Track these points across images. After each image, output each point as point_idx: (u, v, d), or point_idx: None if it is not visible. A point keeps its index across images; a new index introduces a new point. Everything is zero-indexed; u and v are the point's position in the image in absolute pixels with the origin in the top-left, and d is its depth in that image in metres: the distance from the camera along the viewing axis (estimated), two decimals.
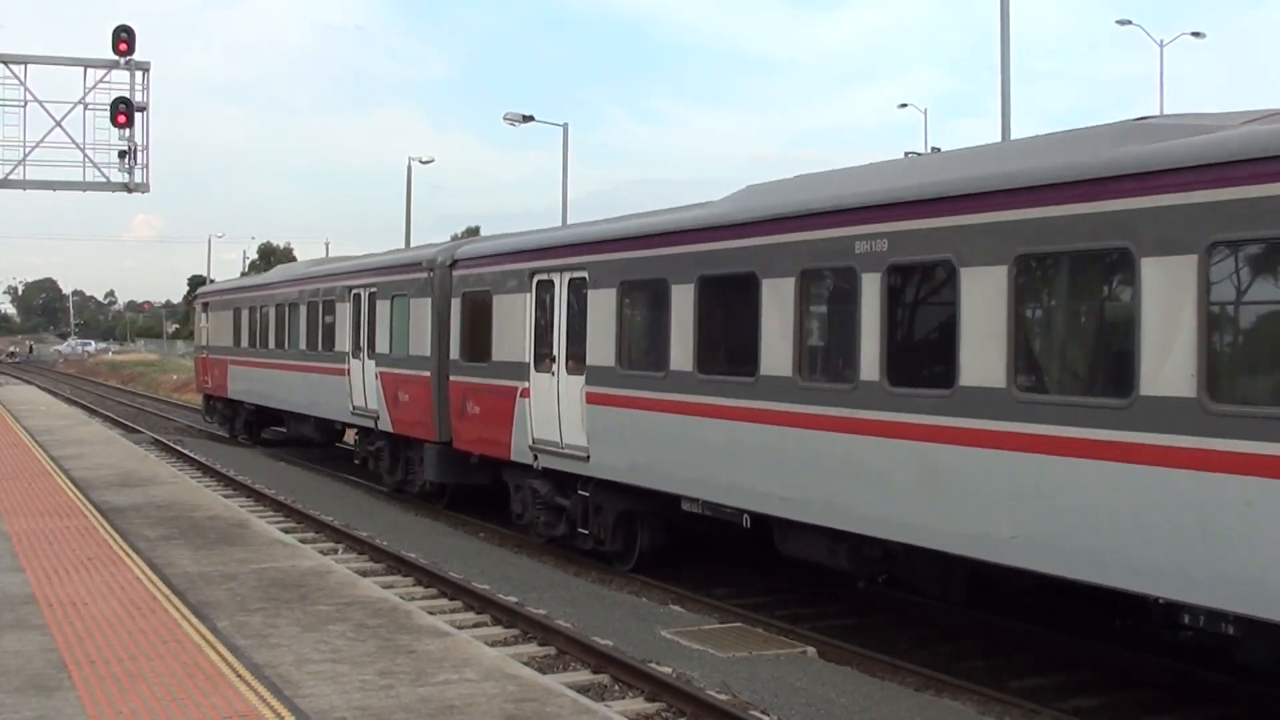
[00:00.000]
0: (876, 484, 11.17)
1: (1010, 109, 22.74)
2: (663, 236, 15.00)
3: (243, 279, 35.45)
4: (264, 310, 31.29)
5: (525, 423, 17.42)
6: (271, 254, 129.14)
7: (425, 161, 60.59)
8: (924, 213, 10.84)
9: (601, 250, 16.17)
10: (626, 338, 15.66)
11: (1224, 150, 8.52)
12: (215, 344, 36.40)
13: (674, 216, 15.46)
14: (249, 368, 32.52)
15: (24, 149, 29.47)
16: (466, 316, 19.77)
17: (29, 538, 14.50)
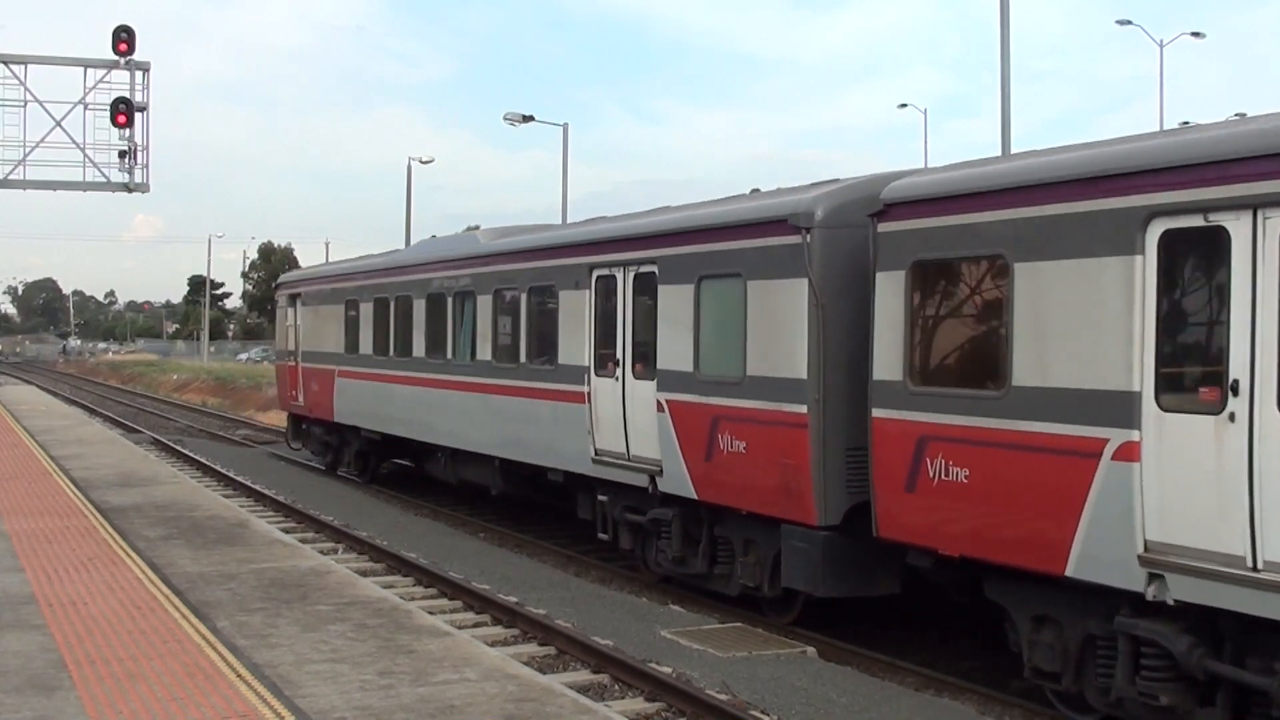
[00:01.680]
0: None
1: (1010, 109, 22.75)
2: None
3: (361, 260, 27.20)
4: (403, 303, 22.87)
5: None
6: (271, 254, 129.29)
7: (425, 161, 60.63)
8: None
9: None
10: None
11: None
12: (312, 348, 27.80)
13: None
14: (372, 382, 24.06)
15: (24, 149, 29.46)
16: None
17: (29, 538, 14.50)
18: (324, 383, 26.59)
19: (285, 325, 30.23)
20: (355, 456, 26.46)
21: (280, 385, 31.55)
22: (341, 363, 25.60)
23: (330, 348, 26.42)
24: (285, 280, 32.21)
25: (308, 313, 28.52)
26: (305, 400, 28.11)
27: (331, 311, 26.65)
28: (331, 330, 26.49)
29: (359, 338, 24.78)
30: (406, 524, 21.53)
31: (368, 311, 24.42)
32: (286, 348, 29.96)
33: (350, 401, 25.20)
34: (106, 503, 17.61)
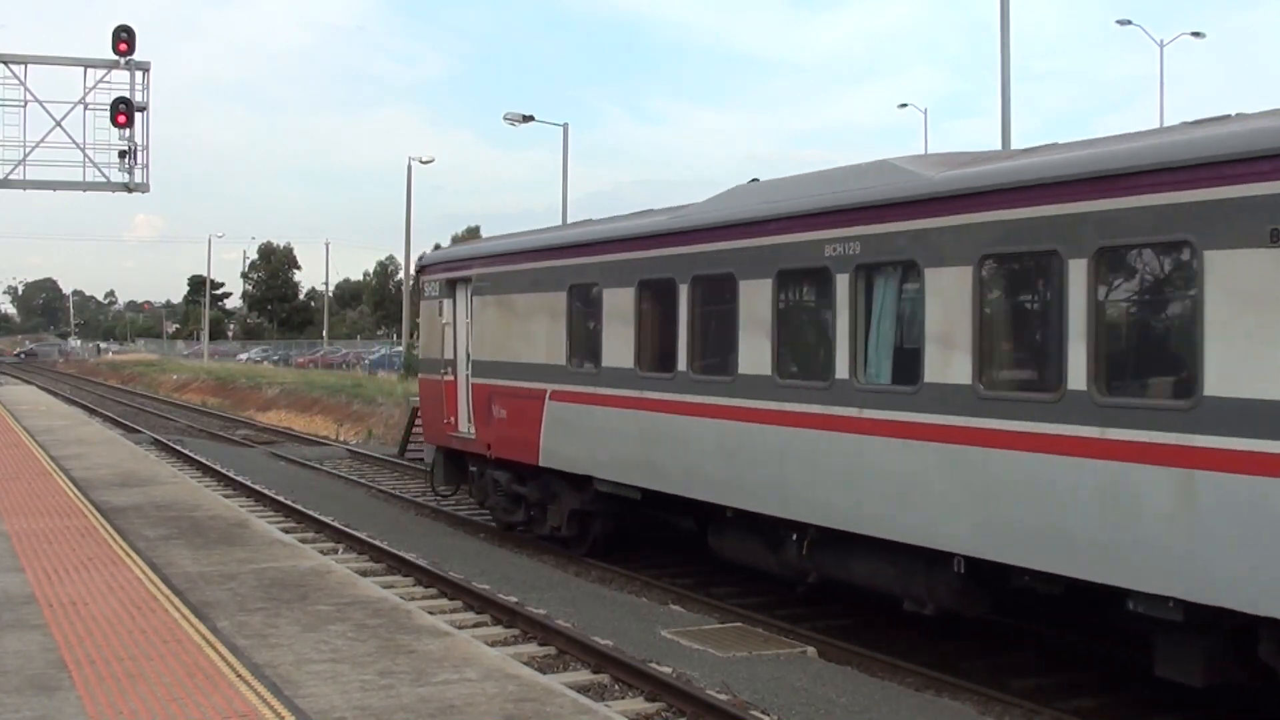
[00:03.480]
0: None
1: (1010, 109, 22.76)
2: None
3: (598, 225, 18.33)
4: (712, 287, 14.63)
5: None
6: (271, 254, 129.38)
7: (425, 161, 60.67)
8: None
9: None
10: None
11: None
12: (495, 356, 19.23)
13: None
14: (629, 411, 15.76)
15: (24, 149, 29.51)
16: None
17: (29, 538, 14.50)
18: (521, 408, 17.94)
19: (438, 323, 21.07)
20: (571, 517, 17.73)
21: (427, 407, 21.81)
22: (559, 379, 17.12)
23: (534, 356, 17.83)
24: (438, 259, 22.22)
25: (486, 305, 19.48)
26: (480, 431, 19.24)
27: (537, 303, 17.96)
28: (537, 330, 17.85)
29: (599, 342, 16.35)
30: (406, 524, 21.53)
31: (622, 302, 15.88)
32: (440, 355, 20.86)
33: (575, 437, 16.84)
34: (106, 503, 17.61)
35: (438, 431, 21.12)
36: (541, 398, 17.51)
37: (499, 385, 18.83)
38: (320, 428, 45.89)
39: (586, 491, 17.04)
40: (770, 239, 13.44)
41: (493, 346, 19.22)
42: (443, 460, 21.38)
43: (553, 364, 17.44)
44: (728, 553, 14.94)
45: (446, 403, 20.49)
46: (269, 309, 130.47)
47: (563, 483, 17.55)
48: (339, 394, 50.02)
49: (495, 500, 19.75)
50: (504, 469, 19.04)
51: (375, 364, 67.46)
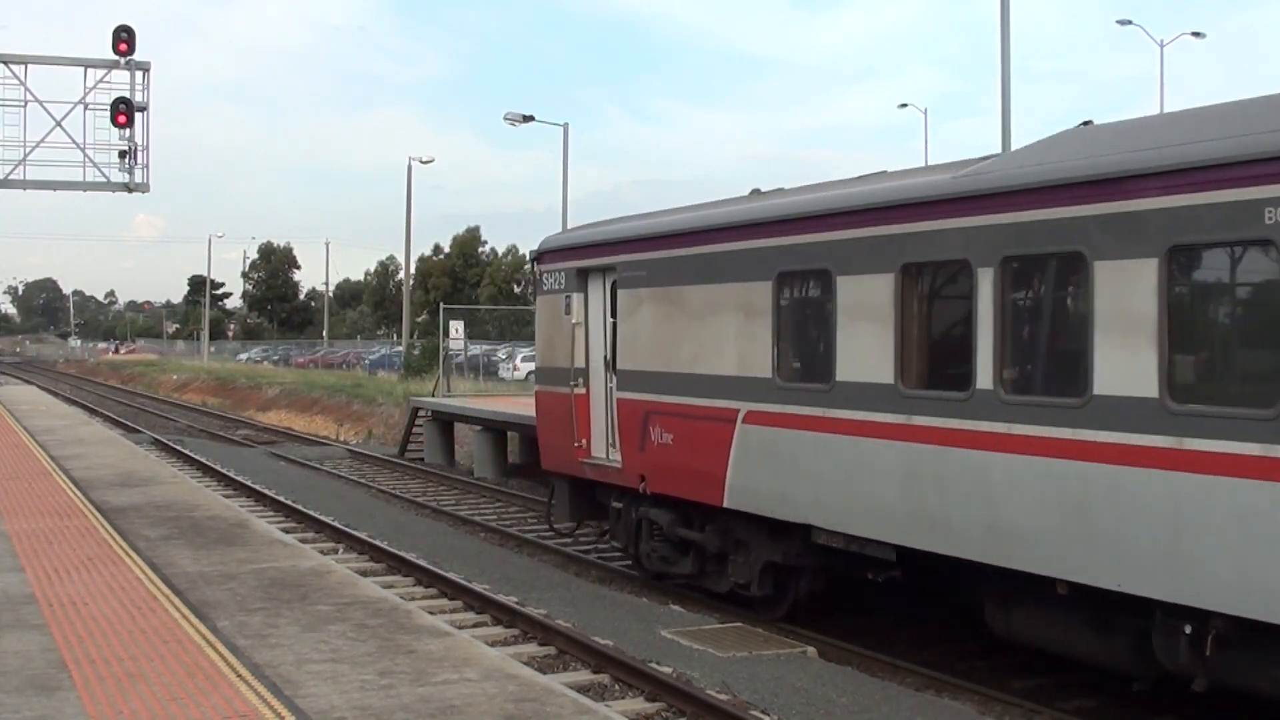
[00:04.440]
0: None
1: (1010, 109, 22.77)
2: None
3: (820, 190, 13.52)
4: (1038, 269, 10.69)
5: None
6: (271, 254, 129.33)
7: (425, 161, 60.70)
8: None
9: None
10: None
11: None
12: (650, 365, 15.36)
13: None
14: (884, 443, 11.84)
15: (24, 149, 29.50)
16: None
17: (29, 538, 14.50)
18: (696, 432, 14.27)
19: (564, 323, 17.03)
20: (765, 572, 13.93)
21: (546, 426, 17.70)
22: (759, 396, 13.29)
23: (718, 365, 13.98)
24: (564, 244, 17.75)
25: (638, 300, 15.47)
26: (630, 459, 15.47)
27: (722, 297, 13.98)
28: (723, 332, 13.94)
29: (831, 349, 12.34)
30: (406, 524, 21.53)
31: (871, 294, 11.88)
32: (567, 362, 16.76)
33: (784, 472, 12.96)
34: (107, 503, 17.61)
35: (562, 456, 17.05)
36: (730, 420, 13.51)
37: (661, 402, 14.76)
38: (320, 428, 45.91)
39: (791, 541, 13.28)
40: (1154, 201, 9.27)
41: (651, 353, 15.10)
42: (568, 491, 17.29)
43: (749, 376, 13.34)
44: (1027, 634, 11.24)
45: (577, 421, 16.39)
46: (269, 309, 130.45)
47: (755, 529, 13.63)
48: (339, 394, 50.03)
49: (651, 547, 15.52)
50: (665, 507, 15.01)
51: (375, 364, 67.45)
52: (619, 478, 15.82)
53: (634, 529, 15.95)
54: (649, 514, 15.50)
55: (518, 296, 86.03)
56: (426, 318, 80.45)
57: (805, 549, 13.17)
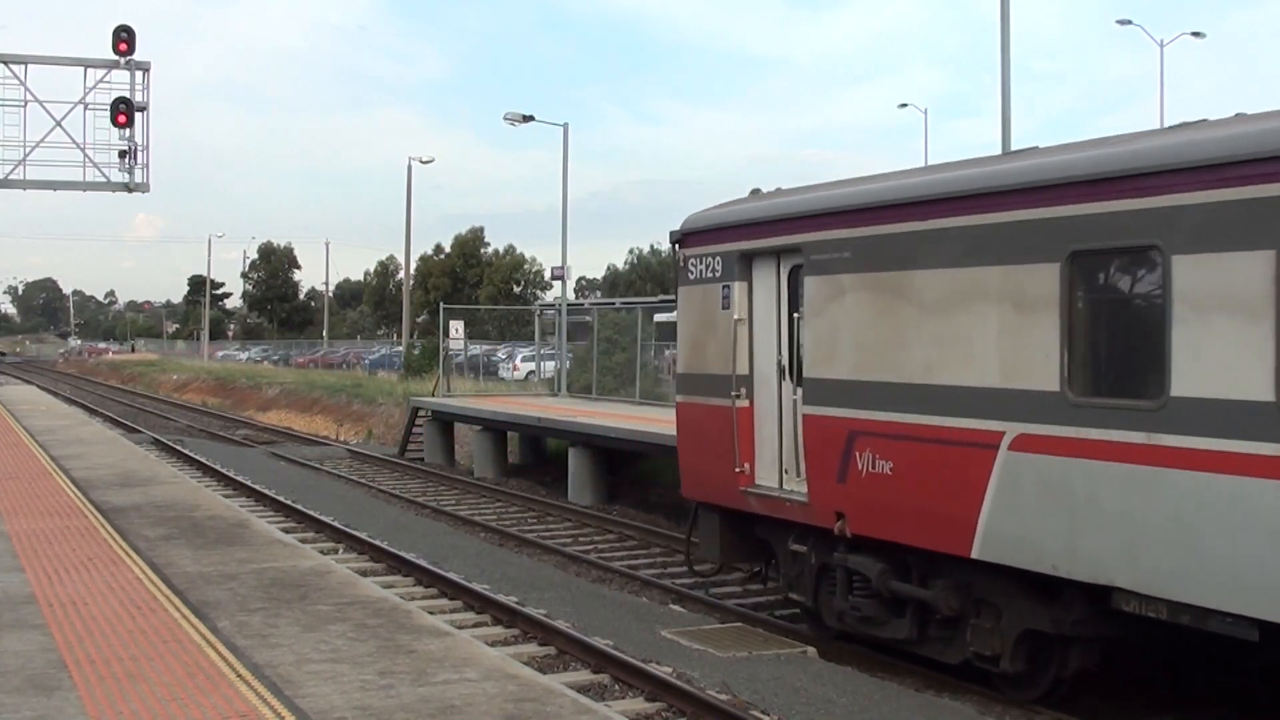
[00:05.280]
0: None
1: (1010, 109, 22.76)
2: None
3: (1048, 153, 10.87)
4: None
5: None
6: (271, 254, 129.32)
7: (425, 161, 60.79)
8: None
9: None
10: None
11: None
12: (857, 374, 12.10)
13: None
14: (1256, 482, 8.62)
15: (24, 149, 29.52)
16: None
17: (29, 538, 14.50)
18: (932, 460, 11.17)
19: (719, 318, 14.05)
20: (1021, 642, 10.97)
21: (692, 443, 14.72)
22: (1036, 415, 10.25)
23: (968, 374, 10.90)
24: (719, 222, 14.41)
25: (838, 290, 12.35)
26: (821, 490, 12.41)
27: (975, 284, 10.90)
28: (976, 331, 10.89)
29: (1164, 353, 9.35)
30: (406, 524, 21.53)
31: (1239, 277, 8.91)
32: (723, 367, 13.90)
33: (1079, 517, 9.91)
34: (107, 503, 17.61)
35: (713, 483, 14.09)
36: (988, 445, 10.50)
37: (875, 420, 11.69)
38: (320, 428, 45.93)
39: (1068, 606, 10.43)
40: None
41: (859, 356, 11.98)
42: (718, 526, 14.35)
43: (1020, 389, 10.31)
44: None
45: (740, 440, 13.48)
46: (269, 309, 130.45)
47: (1013, 588, 10.76)
48: (339, 394, 50.05)
49: (851, 603, 12.30)
50: (872, 554, 11.99)
51: (375, 364, 67.48)
52: (802, 514, 12.65)
53: (818, 577, 12.82)
54: (847, 561, 12.23)
55: (517, 296, 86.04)
56: (426, 318, 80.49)
57: (1090, 616, 10.26)
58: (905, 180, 12.10)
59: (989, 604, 11.11)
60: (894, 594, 11.85)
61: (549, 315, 47.00)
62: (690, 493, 14.81)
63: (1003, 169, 11.10)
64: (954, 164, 12.05)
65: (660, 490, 26.43)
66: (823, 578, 12.80)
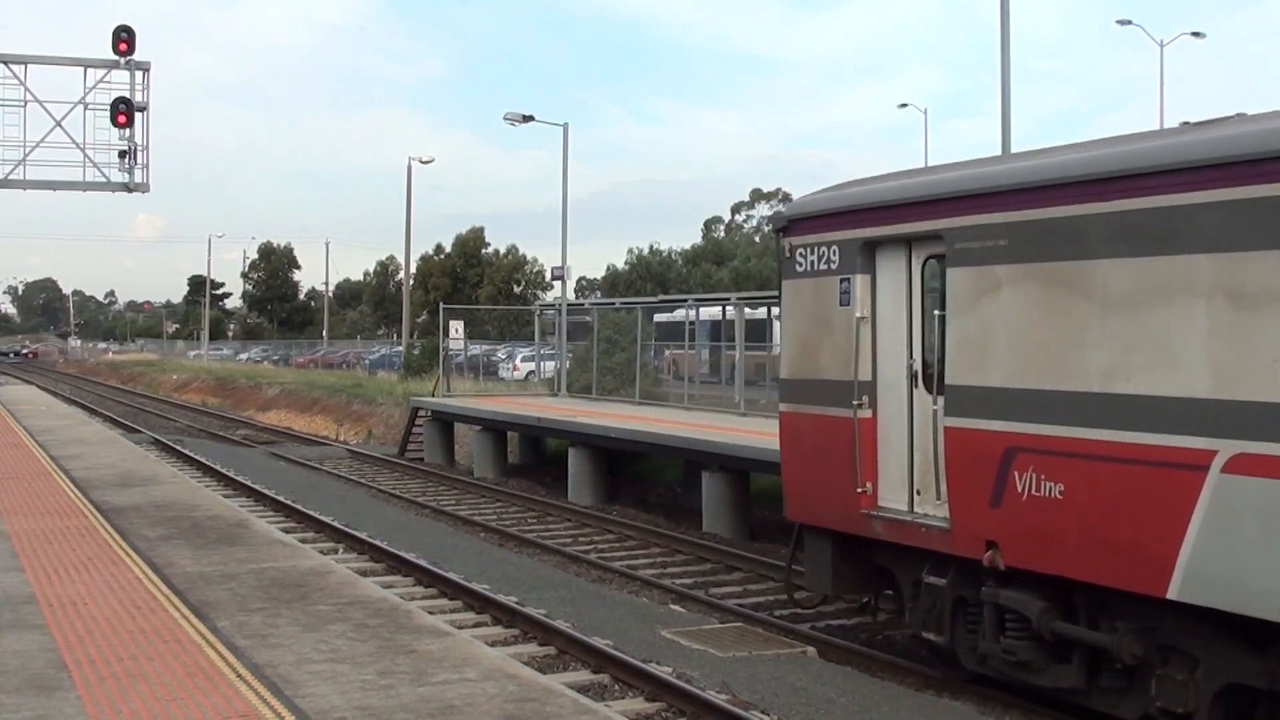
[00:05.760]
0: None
1: (1010, 109, 22.76)
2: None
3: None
4: None
5: None
6: (271, 254, 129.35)
7: (425, 161, 60.83)
8: None
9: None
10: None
11: None
12: (1016, 382, 10.34)
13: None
14: None
15: (24, 149, 29.50)
16: None
17: (29, 538, 14.50)
18: (1115, 484, 9.56)
19: (835, 316, 12.44)
20: (1220, 696, 9.42)
21: (803, 458, 13.00)
22: (1256, 432, 8.64)
23: (1169, 384, 9.26)
24: (838, 206, 12.72)
25: (990, 283, 10.71)
26: (966, 515, 10.81)
27: (1170, 277, 9.33)
28: (1176, 333, 9.29)
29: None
30: (406, 524, 21.53)
31: None
32: (841, 372, 12.33)
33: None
34: (106, 503, 17.61)
35: (826, 504, 12.46)
36: (1195, 467, 8.99)
37: (1042, 435, 10.07)
38: (320, 428, 45.94)
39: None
40: None
41: (1020, 360, 10.37)
42: (831, 552, 12.64)
43: (1237, 400, 8.78)
44: None
45: (861, 457, 11.88)
46: (269, 309, 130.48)
47: (1216, 635, 9.32)
48: (339, 394, 50.06)
49: (1004, 645, 10.66)
50: (1031, 590, 10.41)
51: (375, 364, 67.51)
52: (941, 542, 11.03)
53: (954, 613, 11.23)
54: (998, 597, 10.62)
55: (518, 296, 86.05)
56: (426, 318, 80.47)
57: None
58: (1081, 155, 10.34)
59: (1181, 652, 9.54)
60: (1058, 636, 10.23)
61: (549, 315, 46.99)
62: (797, 514, 13.02)
63: (1212, 137, 9.31)
64: (1138, 135, 10.50)
65: (660, 490, 26.47)
66: (960, 613, 11.15)
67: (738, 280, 68.62)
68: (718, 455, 20.93)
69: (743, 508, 20.92)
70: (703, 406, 31.71)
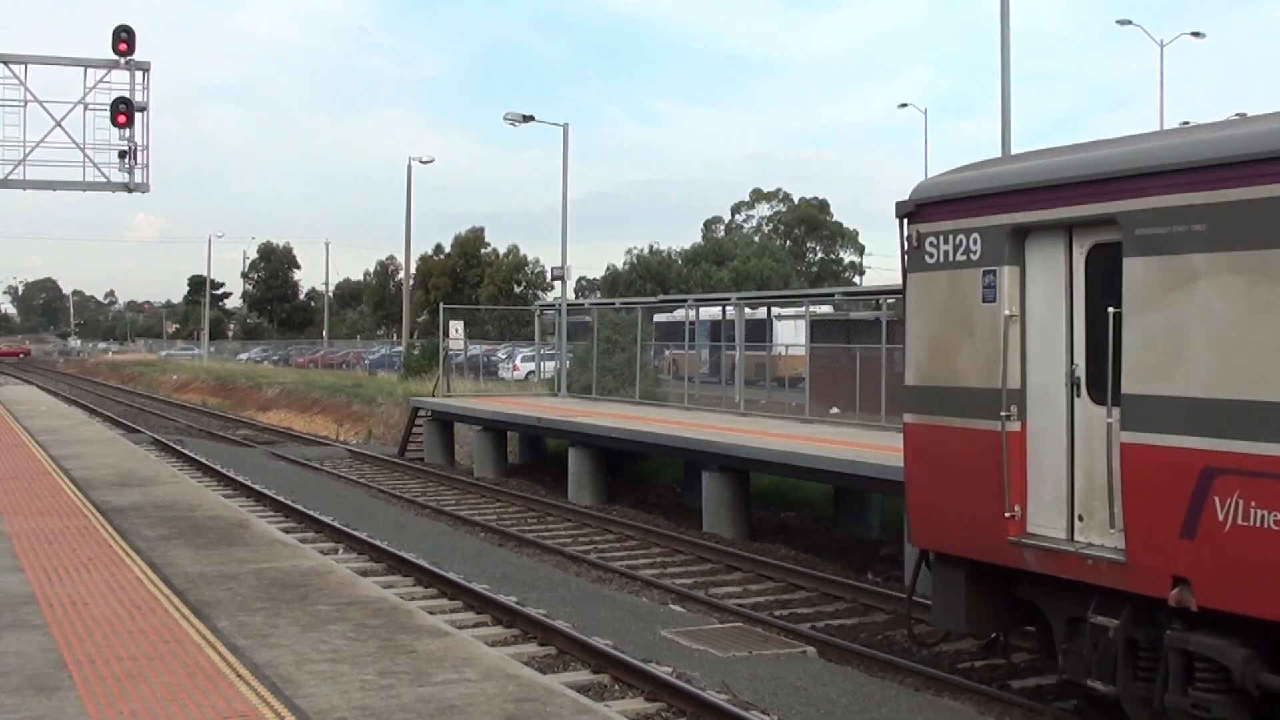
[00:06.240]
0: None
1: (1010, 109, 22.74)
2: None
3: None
4: None
5: None
6: (271, 254, 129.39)
7: (425, 161, 60.82)
8: None
9: None
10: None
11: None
12: (1234, 392, 8.68)
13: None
14: None
15: (24, 149, 29.46)
16: None
17: (29, 538, 14.50)
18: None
19: (988, 314, 10.81)
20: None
21: (936, 477, 11.31)
22: None
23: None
24: (979, 188, 11.05)
25: (1186, 274, 9.13)
26: (1145, 545, 9.30)
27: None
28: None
29: None
30: (406, 524, 21.54)
31: None
32: (985, 378, 10.78)
33: None
34: (106, 503, 17.61)
35: (966, 530, 10.89)
36: None
37: (1253, 456, 8.57)
38: (320, 428, 45.95)
39: None
40: None
41: (1220, 367, 8.93)
42: (965, 583, 11.05)
43: None
44: None
45: (1010, 476, 10.36)
46: (269, 309, 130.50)
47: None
48: (339, 394, 50.07)
49: (1194, 697, 9.12)
50: (1230, 634, 8.91)
51: (375, 364, 67.52)
52: (1113, 576, 9.56)
53: (1121, 654, 9.66)
54: (1187, 642, 9.13)
55: (518, 296, 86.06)
56: (426, 318, 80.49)
57: None
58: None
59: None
60: (1265, 690, 8.75)
61: (549, 315, 47.01)
62: (924, 540, 11.41)
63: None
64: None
65: (660, 490, 26.47)
66: (1131, 658, 9.64)
67: (738, 280, 68.63)
68: (718, 455, 20.93)
69: (743, 508, 20.92)
70: (703, 406, 31.72)
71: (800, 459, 19.18)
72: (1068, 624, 10.18)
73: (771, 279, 70.60)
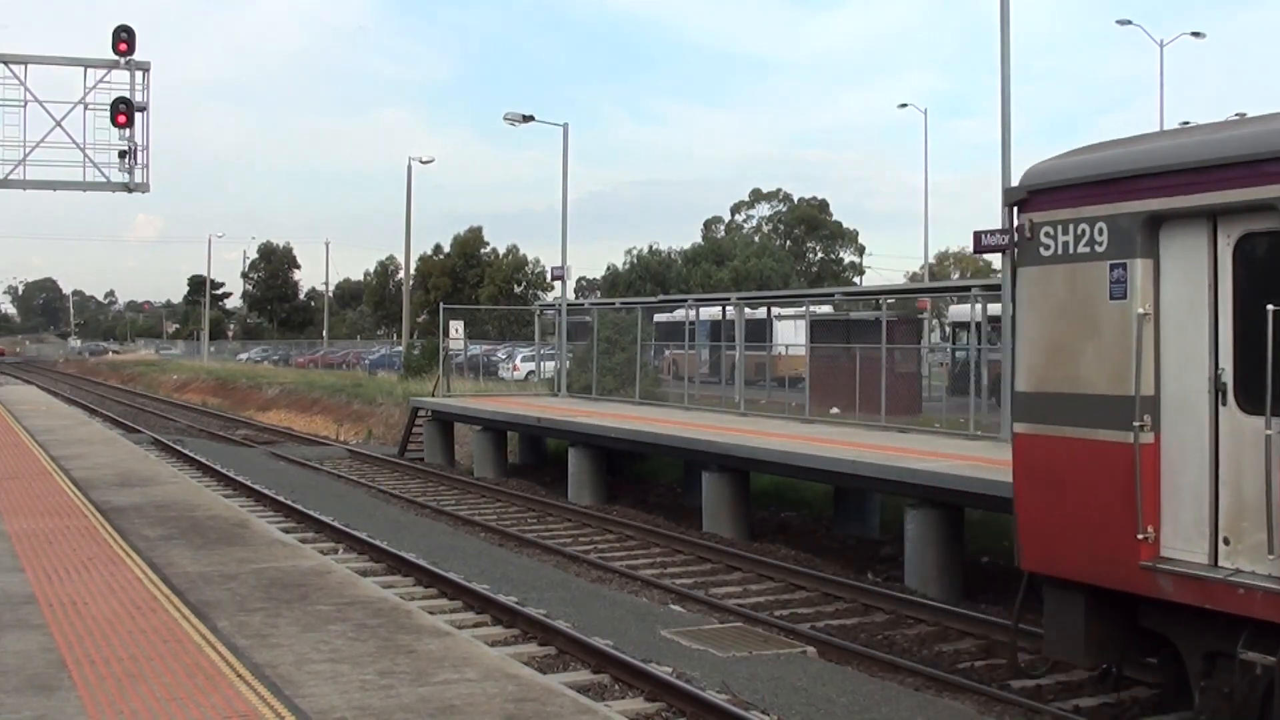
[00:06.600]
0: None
1: (1010, 109, 22.73)
2: None
3: None
4: None
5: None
6: (271, 254, 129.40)
7: (425, 161, 60.84)
8: None
9: None
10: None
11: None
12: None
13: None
14: None
15: (24, 149, 29.45)
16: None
17: (29, 538, 14.50)
18: None
19: (1116, 313, 9.66)
20: None
21: (1054, 493, 10.13)
22: None
23: None
24: (1102, 173, 9.91)
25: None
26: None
27: None
28: None
29: None
30: (406, 524, 21.54)
31: None
32: (1113, 384, 9.69)
33: None
34: (106, 502, 17.61)
35: (1088, 550, 9.85)
36: None
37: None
38: (320, 428, 45.95)
39: None
40: None
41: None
42: (1084, 611, 10.00)
43: None
44: None
45: (1143, 494, 9.36)
46: (269, 309, 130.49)
47: None
48: (339, 394, 50.07)
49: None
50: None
51: (375, 364, 67.53)
52: (1268, 607, 8.54)
53: (1265, 692, 8.69)
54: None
55: (518, 297, 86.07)
56: (426, 318, 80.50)
57: None
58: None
59: None
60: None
61: (549, 315, 47.02)
62: (1038, 563, 10.28)
63: None
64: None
65: (660, 490, 26.48)
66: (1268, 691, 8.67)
67: (737, 280, 68.64)
68: (717, 455, 20.93)
69: (743, 508, 20.92)
70: (703, 406, 31.73)
71: (800, 459, 19.19)
72: (1205, 659, 9.18)
73: (771, 279, 70.62)
